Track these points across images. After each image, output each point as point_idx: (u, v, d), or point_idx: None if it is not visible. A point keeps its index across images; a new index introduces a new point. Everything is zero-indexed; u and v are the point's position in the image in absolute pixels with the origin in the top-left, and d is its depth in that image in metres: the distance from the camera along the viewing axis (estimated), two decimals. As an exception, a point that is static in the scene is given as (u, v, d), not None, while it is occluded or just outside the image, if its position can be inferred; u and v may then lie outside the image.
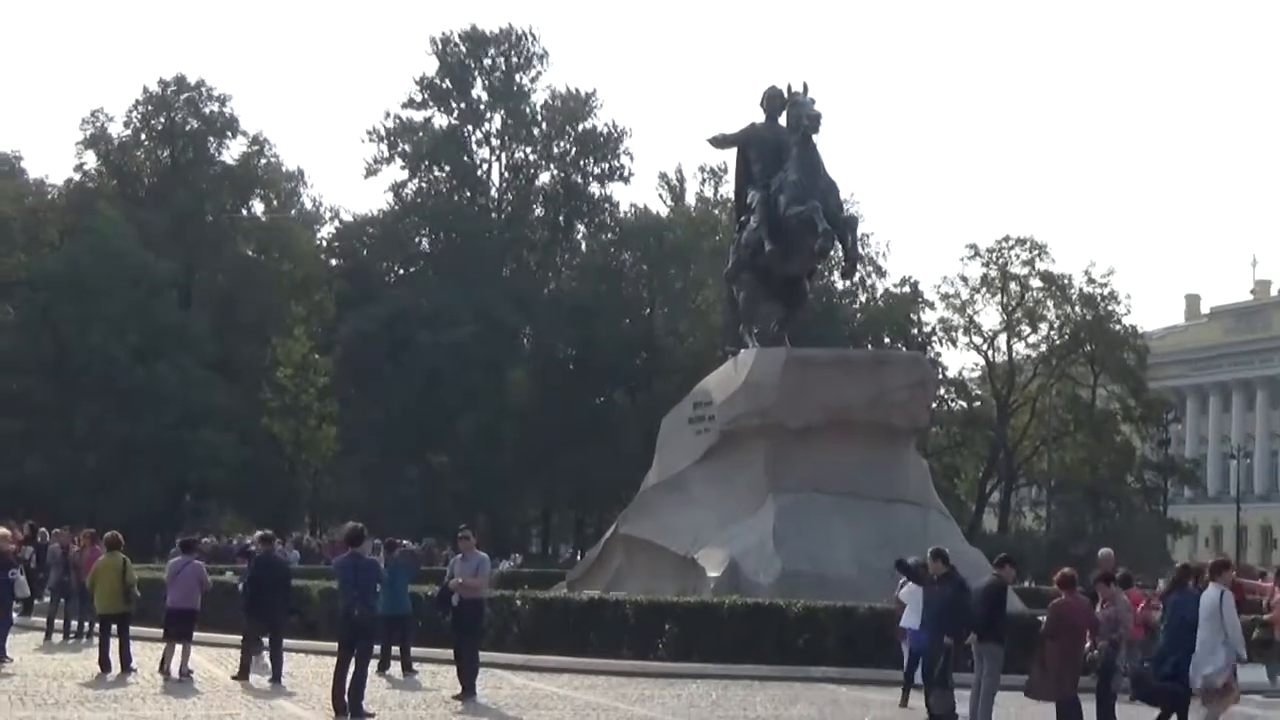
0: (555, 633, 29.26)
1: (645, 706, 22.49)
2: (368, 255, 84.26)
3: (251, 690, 23.22)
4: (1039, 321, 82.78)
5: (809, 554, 31.24)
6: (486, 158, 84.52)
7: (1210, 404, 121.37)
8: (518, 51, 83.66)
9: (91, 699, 21.42)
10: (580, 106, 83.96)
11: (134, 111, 79.03)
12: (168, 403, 68.84)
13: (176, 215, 76.98)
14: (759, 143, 36.64)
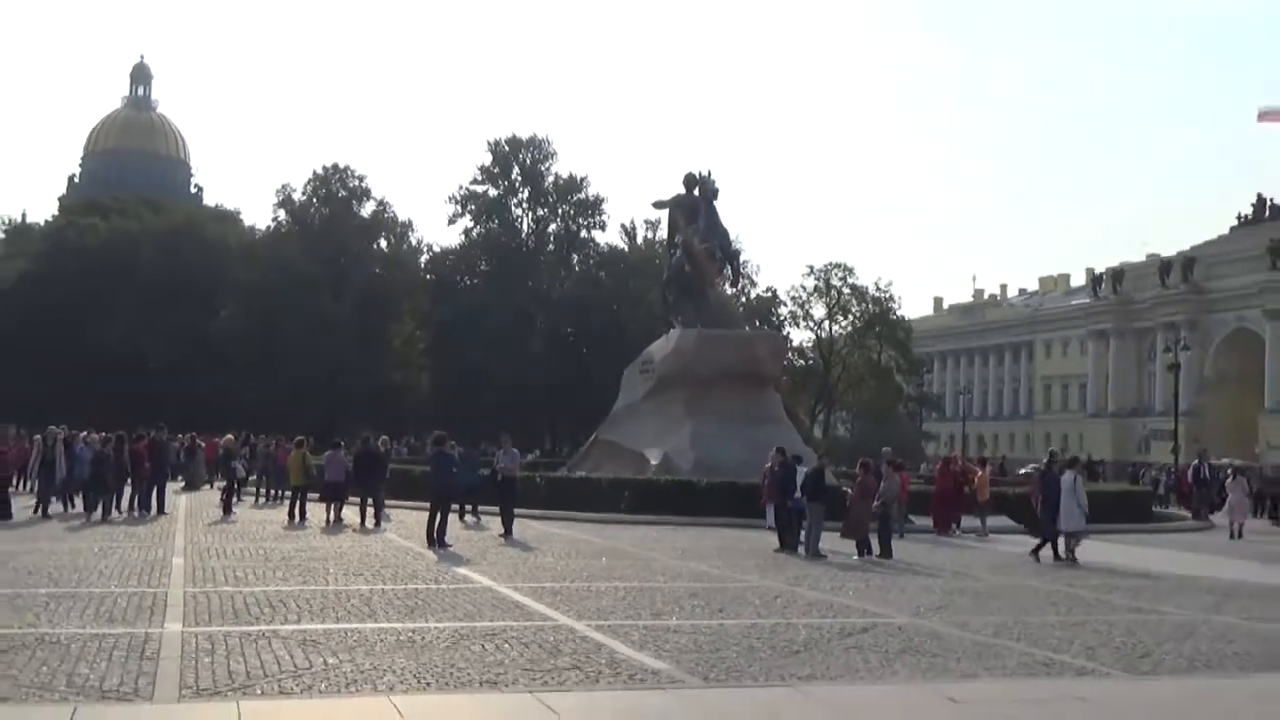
0: (560, 497, 30.46)
1: (614, 540, 23.32)
2: (449, 272, 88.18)
3: (370, 531, 24.25)
4: (848, 313, 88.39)
5: (710, 452, 32.51)
6: (520, 215, 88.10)
7: (949, 362, 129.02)
8: (539, 150, 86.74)
9: (284, 535, 23.08)
10: (575, 184, 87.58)
11: (308, 185, 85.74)
12: (325, 359, 74.16)
13: (333, 249, 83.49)
14: (681, 205, 38.26)
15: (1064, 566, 21.10)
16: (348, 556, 18.77)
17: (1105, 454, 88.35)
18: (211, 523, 25.38)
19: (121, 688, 8.43)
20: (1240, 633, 13.12)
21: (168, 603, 12.86)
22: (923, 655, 10.97)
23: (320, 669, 9.29)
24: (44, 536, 21.21)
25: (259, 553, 19.02)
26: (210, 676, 8.89)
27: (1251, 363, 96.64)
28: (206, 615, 12.06)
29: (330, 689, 8.64)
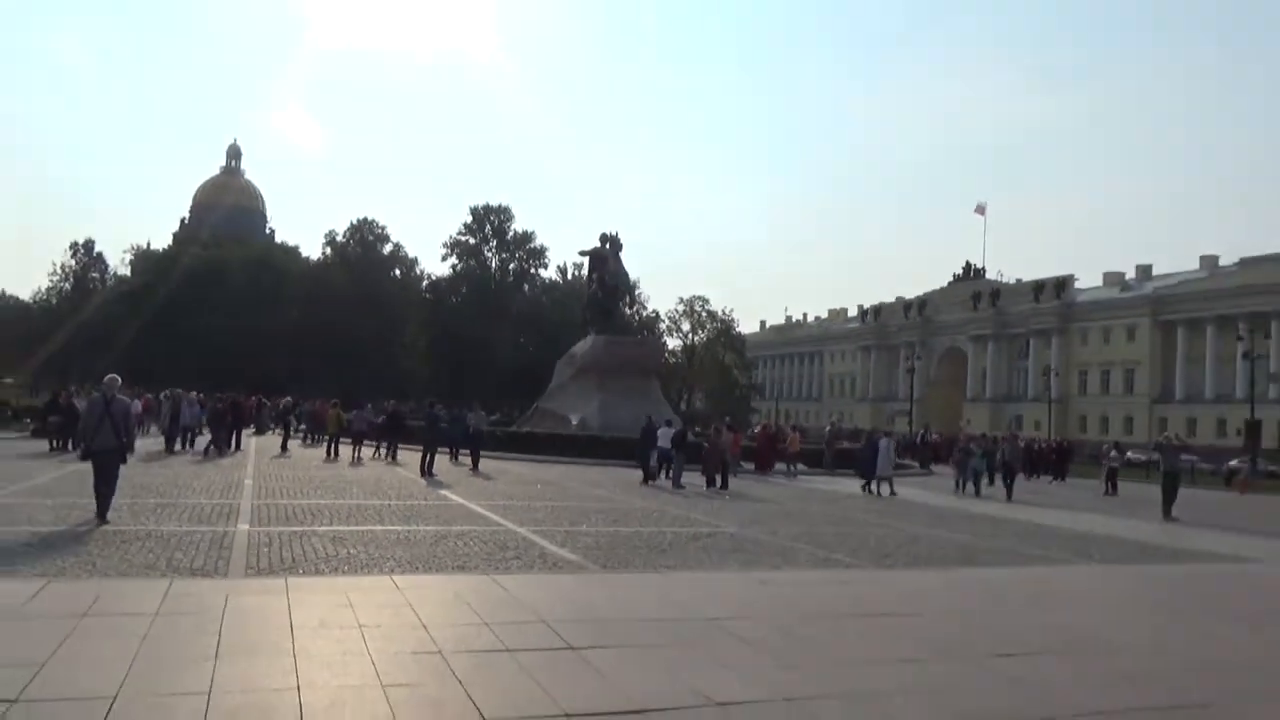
0: (513, 444, 29.81)
1: (547, 474, 22.71)
2: (442, 294, 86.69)
3: (385, 465, 24.01)
4: (704, 328, 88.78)
5: (612, 416, 32.23)
6: (490, 257, 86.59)
7: (770, 363, 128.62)
8: (503, 214, 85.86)
9: (322, 467, 22.19)
10: (527, 237, 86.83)
11: (347, 231, 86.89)
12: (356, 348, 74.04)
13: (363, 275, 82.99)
14: (597, 253, 37.95)
15: (878, 499, 21.37)
16: (366, 482, 18.39)
17: (865, 426, 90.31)
18: (273, 457, 24.68)
19: (205, 568, 8.21)
20: (946, 542, 13.47)
21: (240, 510, 12.49)
22: (746, 553, 11.07)
23: (344, 557, 9.12)
24: (159, 465, 20.44)
25: (305, 478, 18.60)
26: (268, 561, 8.69)
27: (959, 370, 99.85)
28: (267, 519, 11.75)
29: (350, 570, 8.47)
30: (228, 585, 7.48)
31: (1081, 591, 9.65)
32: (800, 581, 9.22)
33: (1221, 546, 14.69)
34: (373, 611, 6.65)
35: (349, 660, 5.40)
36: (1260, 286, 72.54)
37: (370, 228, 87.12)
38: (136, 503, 12.58)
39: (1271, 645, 7.34)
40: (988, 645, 6.57)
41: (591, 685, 5.13)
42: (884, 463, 22.60)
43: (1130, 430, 76.85)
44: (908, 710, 4.92)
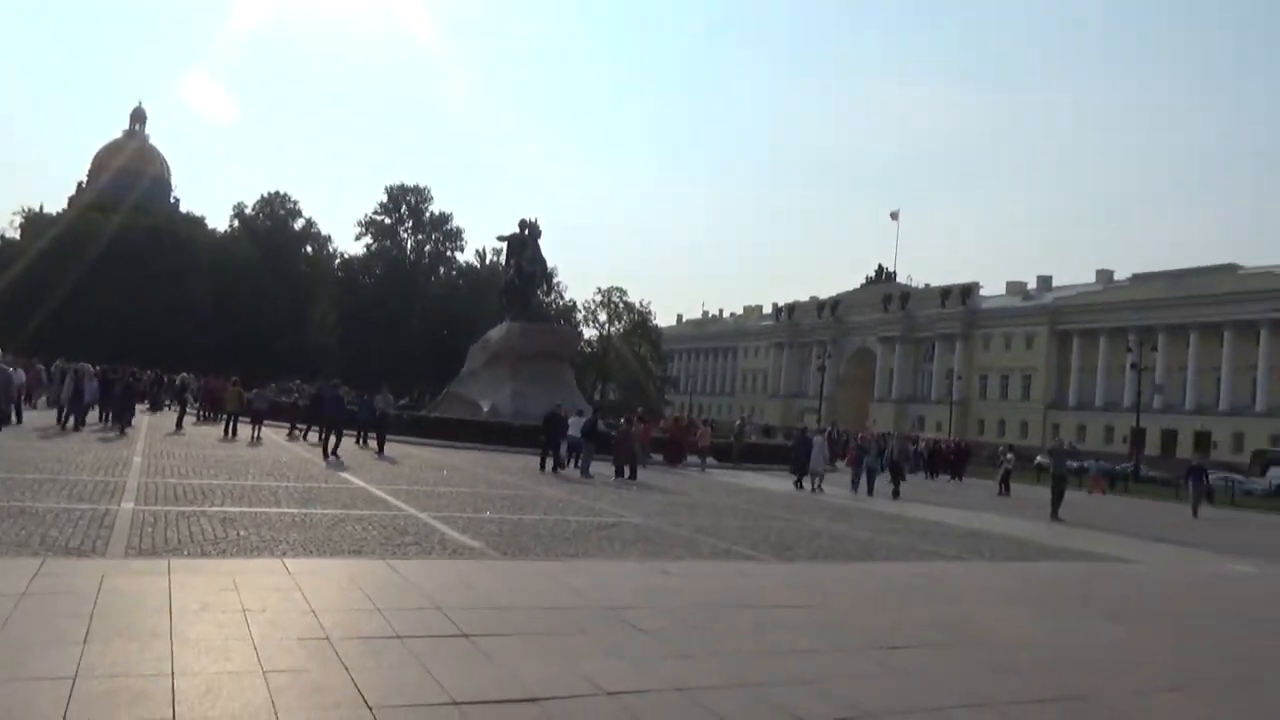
0: (422, 429, 29.46)
1: (454, 460, 22.60)
2: (355, 273, 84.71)
3: (285, 445, 23.59)
4: (621, 319, 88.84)
5: (524, 404, 31.81)
6: (405, 238, 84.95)
7: (684, 357, 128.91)
8: (420, 194, 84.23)
9: (219, 446, 21.41)
10: (445, 219, 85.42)
11: (257, 204, 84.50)
12: (263, 324, 72.74)
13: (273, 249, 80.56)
14: (516, 239, 37.62)
15: (811, 494, 21.87)
16: (264, 462, 17.84)
17: (776, 422, 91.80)
18: (166, 435, 23.74)
19: (82, 547, 7.80)
20: (845, 537, 13.78)
21: (125, 488, 11.93)
22: (649, 543, 11.10)
23: (234, 539, 8.79)
24: (45, 440, 19.40)
25: (198, 457, 17.89)
26: (150, 541, 8.31)
27: (868, 369, 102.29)
28: (154, 498, 11.25)
29: (239, 553, 8.15)
30: (105, 566, 7.13)
31: (971, 587, 9.98)
32: (701, 573, 9.27)
33: (1102, 547, 15.39)
34: (260, 595, 6.43)
35: (230, 645, 5.21)
36: (1150, 301, 76.31)
37: (281, 202, 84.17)
38: (13, 477, 11.95)
39: (1144, 641, 7.71)
40: (879, 637, 6.72)
41: (483, 673, 5.06)
42: (817, 459, 23.14)
43: (1025, 434, 80.00)
44: (797, 699, 4.99)
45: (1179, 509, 28.18)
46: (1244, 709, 5.63)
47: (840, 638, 6.57)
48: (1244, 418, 69.03)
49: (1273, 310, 68.59)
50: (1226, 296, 71.40)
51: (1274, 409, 65.41)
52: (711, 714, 4.66)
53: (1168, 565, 14.00)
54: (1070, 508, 21.54)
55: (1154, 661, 6.86)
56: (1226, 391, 71.36)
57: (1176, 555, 15.57)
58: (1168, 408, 73.52)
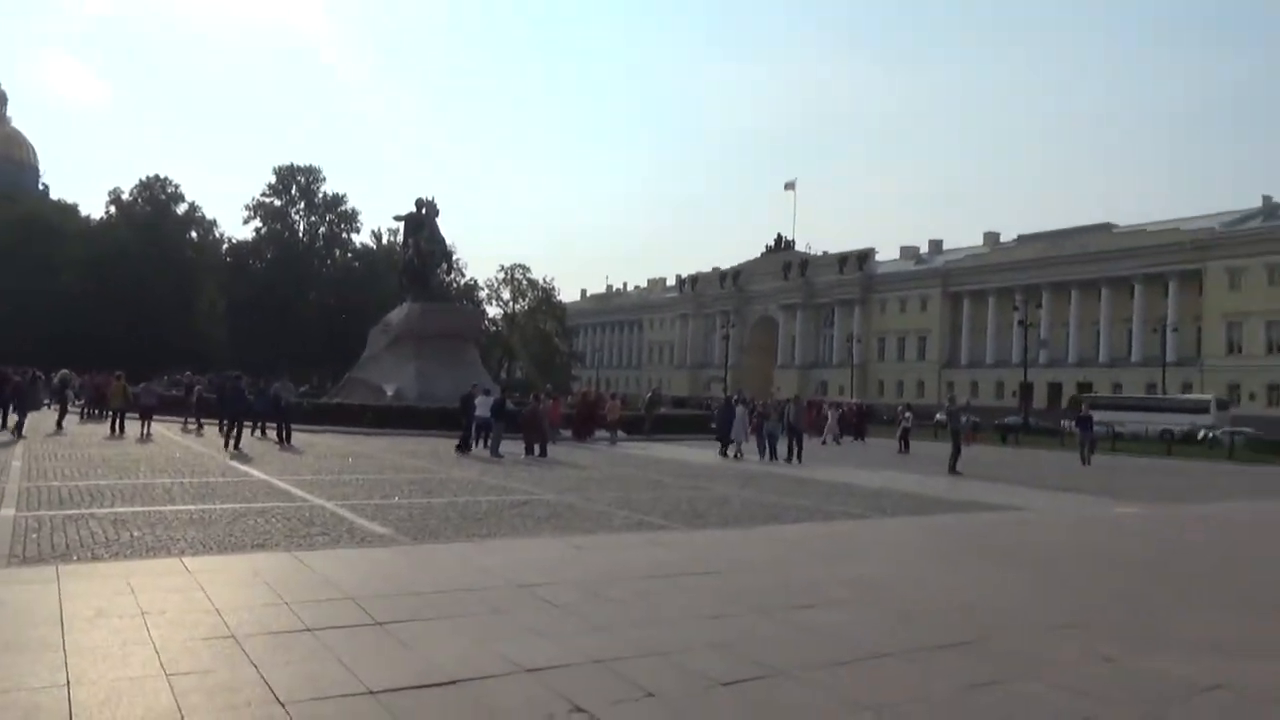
0: (323, 417, 28.96)
1: (359, 446, 22.51)
2: (244, 258, 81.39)
3: (177, 440, 22.87)
4: (525, 297, 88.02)
5: (429, 386, 31.69)
6: (297, 220, 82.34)
7: (590, 331, 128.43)
8: (312, 175, 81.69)
9: (105, 444, 20.60)
10: (339, 200, 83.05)
11: (134, 189, 80.00)
12: (146, 314, 69.08)
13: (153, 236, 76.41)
14: (414, 218, 36.99)
15: (734, 461, 22.40)
16: (155, 459, 17.12)
17: (684, 392, 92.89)
18: (47, 435, 22.60)
19: (-42, 558, 7.36)
20: (755, 503, 14.06)
21: (4, 494, 11.30)
22: (562, 519, 11.12)
23: (127, 540, 8.44)
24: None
25: (83, 457, 17.10)
26: (36, 548, 7.91)
27: (770, 337, 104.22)
28: (37, 503, 10.70)
29: (134, 554, 7.85)
30: (-14, 576, 6.75)
31: (874, 543, 10.34)
32: (614, 545, 9.34)
33: (997, 497, 16.13)
34: (158, 597, 6.18)
35: (129, 650, 5.00)
36: (1033, 261, 79.74)
37: (162, 186, 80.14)
38: (-125, 489, 11.18)
39: (1036, 584, 8.12)
40: (787, 598, 6.90)
41: (399, 659, 5.00)
42: (739, 428, 23.57)
43: (922, 393, 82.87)
44: (711, 663, 5.09)
45: (1067, 457, 29.67)
46: (1126, 640, 6.01)
47: (752, 601, 6.72)
48: (1121, 368, 73.03)
49: (1145, 266, 72.53)
50: (1103, 255, 75.18)
51: (1149, 359, 69.34)
52: (629, 682, 4.72)
53: (1058, 511, 14.76)
54: (966, 461, 22.46)
55: (1046, 602, 7.24)
56: (1105, 344, 75.31)
57: (1066, 501, 16.42)
58: (1053, 362, 77.18)
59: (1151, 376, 67.62)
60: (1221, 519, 14.73)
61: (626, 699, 4.50)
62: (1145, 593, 7.92)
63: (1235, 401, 60.22)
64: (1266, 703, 4.84)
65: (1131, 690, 4.93)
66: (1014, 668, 5.26)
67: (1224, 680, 5.15)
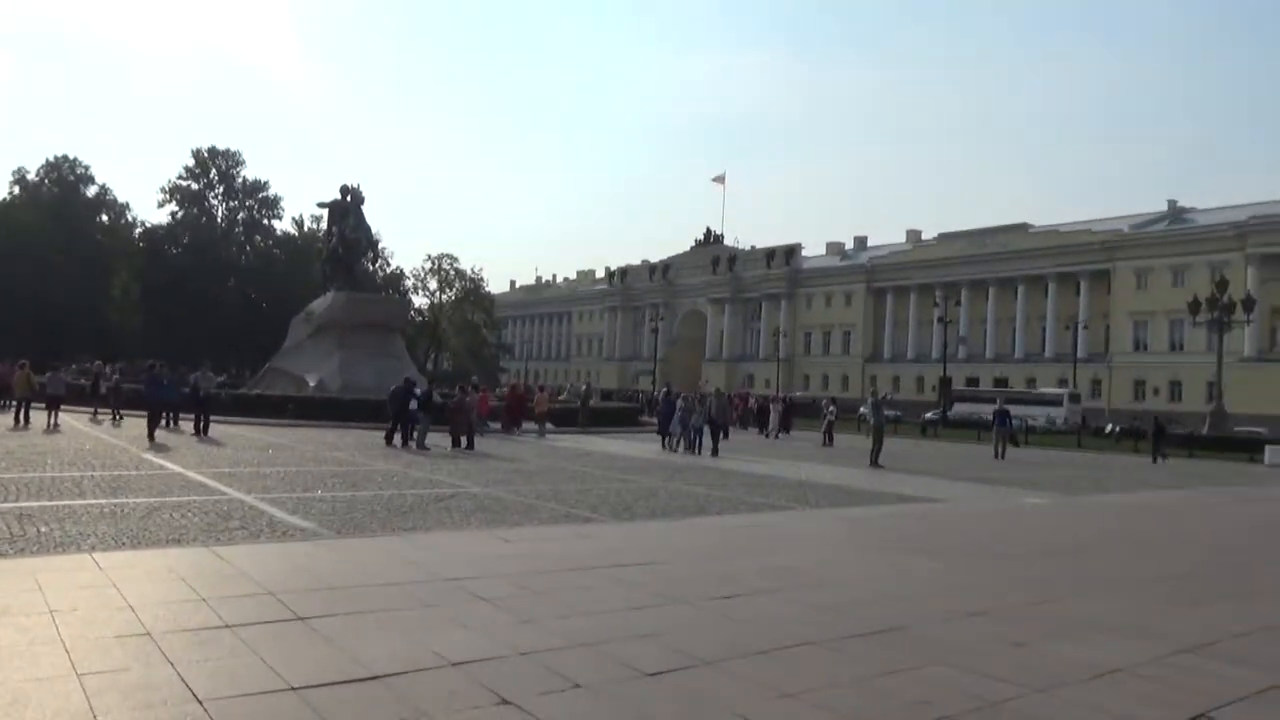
0: (243, 408, 28.45)
1: (280, 438, 22.18)
2: (159, 243, 78.35)
3: (87, 431, 22.25)
4: (452, 287, 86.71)
5: (353, 377, 31.36)
6: (216, 205, 79.72)
7: (519, 323, 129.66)
8: (231, 158, 79.07)
9: (9, 436, 20.06)
10: (259, 185, 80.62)
11: (40, 169, 77.67)
12: (53, 301, 66.17)
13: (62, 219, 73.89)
14: (338, 206, 36.39)
15: (671, 454, 22.67)
16: (64, 452, 16.50)
17: (613, 385, 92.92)
18: (-54, 426, 21.64)
19: None
20: (682, 494, 14.19)
21: (-101, 488, 10.79)
22: (489, 512, 11.08)
23: (33, 536, 8.12)
24: None
25: (-13, 449, 16.39)
26: (-66, 544, 7.56)
27: (699, 330, 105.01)
28: (-65, 497, 10.24)
29: (41, 550, 7.56)
30: (-121, 575, 6.43)
31: (797, 534, 10.54)
32: (541, 537, 9.33)
33: (917, 489, 16.59)
34: (68, 594, 5.97)
35: (37, 650, 4.82)
36: (954, 259, 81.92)
37: (71, 166, 76.92)
38: None
39: (952, 572, 8.39)
40: (714, 588, 7.00)
41: (321, 655, 4.93)
42: (675, 421, 23.68)
43: (846, 387, 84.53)
44: (637, 653, 5.15)
45: (984, 450, 30.63)
46: (1035, 626, 6.27)
47: (678, 591, 6.80)
48: (1035, 364, 75.59)
49: (1058, 266, 75.13)
50: (1019, 254, 77.63)
51: (1062, 355, 71.88)
52: (556, 674, 4.75)
53: (973, 501, 15.25)
54: (887, 454, 23.01)
55: (961, 590, 7.49)
56: (1021, 341, 77.83)
57: (981, 492, 16.98)
58: (971, 357, 79.46)
59: (1064, 372, 70.20)
60: (1124, 508, 15.41)
61: (553, 690, 4.53)
62: (1053, 580, 8.25)
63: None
64: (1161, 682, 5.11)
65: (1038, 673, 5.14)
66: (928, 654, 5.45)
67: (1124, 664, 5.42)
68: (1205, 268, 63.35)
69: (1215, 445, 36.13)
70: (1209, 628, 6.42)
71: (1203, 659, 5.63)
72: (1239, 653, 5.80)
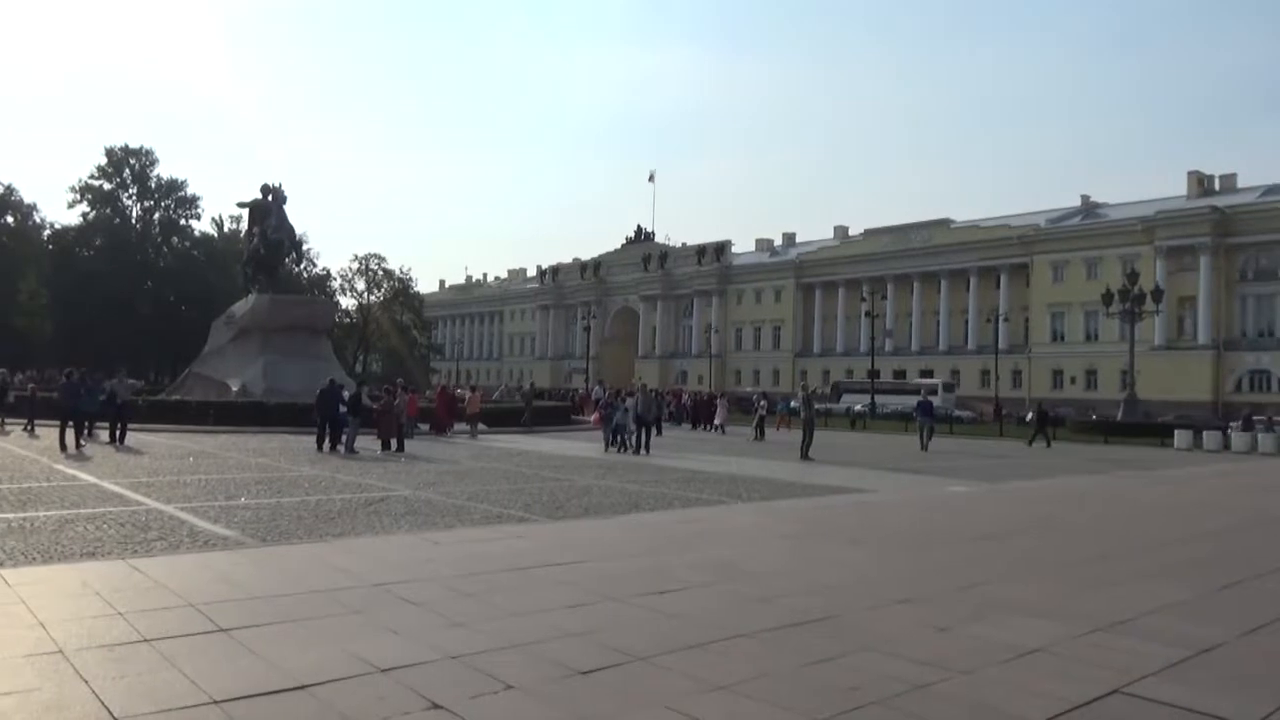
0: (162, 415, 27.44)
1: (201, 445, 21.43)
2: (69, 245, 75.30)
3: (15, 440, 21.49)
4: (380, 287, 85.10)
5: (278, 381, 30.64)
6: (130, 205, 76.88)
7: (450, 323, 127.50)
8: (146, 157, 76.43)
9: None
10: (176, 184, 77.88)
11: None
12: None
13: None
14: (259, 206, 35.52)
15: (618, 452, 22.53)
16: (-31, 464, 15.79)
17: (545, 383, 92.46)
18: None
19: None
20: (616, 491, 14.22)
21: None
22: (419, 515, 10.93)
23: (-66, 553, 7.74)
24: None
25: (-116, 463, 15.56)
26: None
27: (631, 327, 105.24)
28: None
29: (-57, 569, 7.20)
30: None
31: (731, 528, 10.65)
32: (472, 539, 9.25)
33: (845, 480, 16.90)
34: (-28, 613, 5.72)
35: (-61, 672, 4.62)
36: (879, 255, 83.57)
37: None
38: None
39: (880, 562, 8.58)
40: (646, 584, 7.04)
41: (245, 667, 4.81)
42: (625, 421, 23.57)
43: (778, 381, 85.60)
44: (571, 652, 5.15)
45: (910, 441, 31.33)
46: (959, 611, 6.44)
47: (610, 589, 6.82)
48: (959, 356, 77.62)
49: (979, 260, 77.23)
50: (941, 249, 79.58)
51: (984, 347, 73.90)
52: (488, 676, 4.72)
53: (899, 491, 15.60)
54: (817, 447, 23.38)
55: (888, 579, 7.66)
56: (945, 333, 79.80)
57: (907, 482, 17.37)
58: (897, 350, 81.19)
59: (986, 363, 72.22)
60: (1043, 494, 15.94)
61: (485, 693, 4.49)
62: (976, 565, 8.50)
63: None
64: (1078, 660, 5.30)
65: (962, 656, 5.29)
66: (857, 642, 5.56)
67: (1043, 644, 5.61)
68: (1117, 260, 65.84)
69: (1129, 431, 37.55)
70: (1123, 607, 6.68)
71: (1117, 636, 5.86)
72: (1150, 630, 6.05)
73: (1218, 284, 64.41)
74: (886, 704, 4.47)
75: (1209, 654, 5.51)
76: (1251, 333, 64.45)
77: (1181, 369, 63.36)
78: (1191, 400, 59.50)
